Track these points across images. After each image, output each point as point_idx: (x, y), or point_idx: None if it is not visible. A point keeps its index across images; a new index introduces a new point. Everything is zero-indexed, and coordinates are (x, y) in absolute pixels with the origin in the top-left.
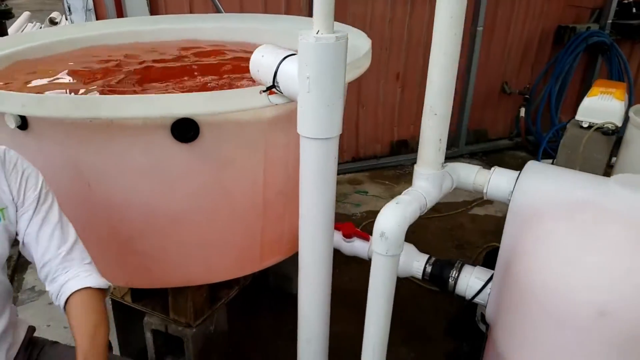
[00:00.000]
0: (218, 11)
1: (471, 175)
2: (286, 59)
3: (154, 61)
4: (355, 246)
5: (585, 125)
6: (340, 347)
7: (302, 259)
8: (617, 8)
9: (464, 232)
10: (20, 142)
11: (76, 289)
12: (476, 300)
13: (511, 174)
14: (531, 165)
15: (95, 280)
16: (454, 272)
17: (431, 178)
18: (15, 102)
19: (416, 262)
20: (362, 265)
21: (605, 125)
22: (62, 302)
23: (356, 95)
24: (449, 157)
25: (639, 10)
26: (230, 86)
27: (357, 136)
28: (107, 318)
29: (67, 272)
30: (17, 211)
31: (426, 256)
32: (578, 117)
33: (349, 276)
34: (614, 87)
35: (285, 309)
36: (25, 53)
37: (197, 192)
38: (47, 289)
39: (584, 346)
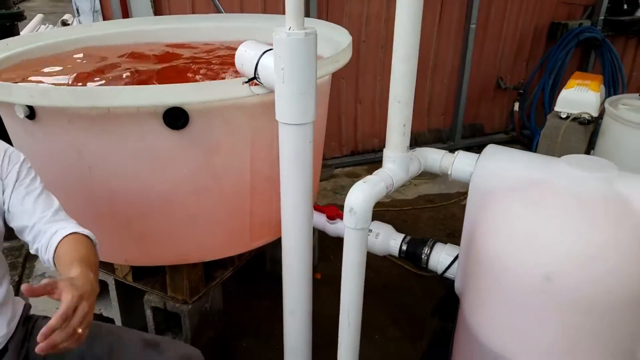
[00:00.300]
0: (218, 11)
1: (437, 159)
2: (265, 53)
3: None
4: (339, 227)
5: (563, 115)
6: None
7: (285, 235)
8: (608, 5)
9: (455, 222)
10: (29, 131)
11: (66, 234)
12: (447, 274)
13: (473, 157)
14: (490, 149)
15: (83, 230)
16: (427, 249)
17: (398, 160)
18: (24, 94)
19: (393, 241)
20: None
21: (581, 116)
22: (51, 252)
23: (354, 92)
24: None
25: (630, 7)
26: (217, 78)
27: (355, 131)
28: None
29: (55, 225)
30: (2, 186)
31: (402, 235)
32: (557, 108)
33: (341, 262)
34: (590, 79)
35: (281, 294)
36: (34, 52)
37: (189, 175)
38: (33, 248)
39: (534, 308)
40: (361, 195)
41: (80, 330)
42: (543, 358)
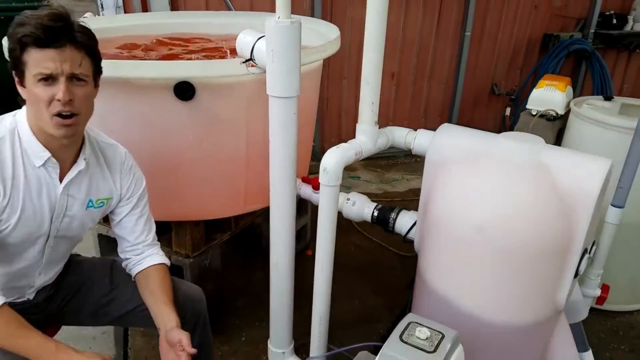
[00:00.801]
0: (229, 9)
1: (403, 135)
2: (260, 39)
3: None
4: None
5: (534, 112)
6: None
7: (272, 193)
8: (599, 19)
9: None
10: None
11: (154, 263)
12: (409, 236)
13: (430, 134)
14: (443, 127)
15: (165, 259)
16: (394, 214)
17: (367, 133)
18: None
19: (367, 208)
20: (344, 235)
21: (548, 112)
22: (137, 270)
23: (354, 91)
24: None
25: (619, 22)
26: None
27: (354, 128)
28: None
29: (150, 249)
30: (119, 202)
31: (375, 204)
32: (528, 106)
33: None
34: (558, 80)
35: None
36: None
37: (194, 141)
38: (124, 258)
39: (469, 256)
40: (333, 158)
41: None
42: (476, 297)
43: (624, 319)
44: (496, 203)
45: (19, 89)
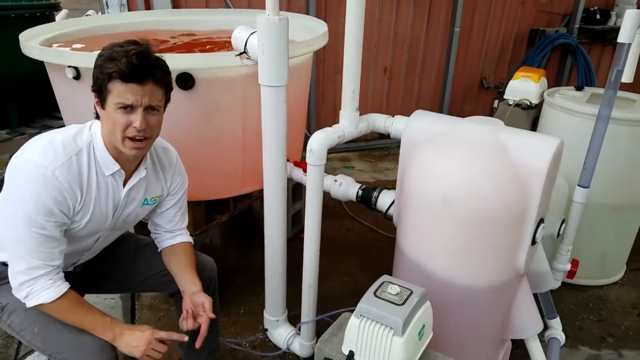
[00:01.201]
0: (228, 7)
1: (382, 121)
2: (253, 34)
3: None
4: None
5: (510, 102)
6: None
7: (265, 172)
8: (583, 14)
9: None
10: (75, 89)
11: (182, 241)
12: (389, 213)
13: (406, 119)
14: (417, 113)
15: (190, 238)
16: (375, 193)
17: (349, 118)
18: (72, 59)
19: (352, 189)
20: (339, 220)
21: (522, 101)
22: (171, 243)
23: None
24: None
25: (603, 17)
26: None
27: None
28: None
29: (180, 232)
30: (166, 197)
31: (359, 185)
32: (506, 96)
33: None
34: (533, 72)
35: None
36: (76, 33)
37: (195, 129)
38: (157, 232)
39: (435, 223)
40: (318, 139)
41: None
42: (443, 261)
43: (594, 292)
44: (458, 176)
45: (97, 108)
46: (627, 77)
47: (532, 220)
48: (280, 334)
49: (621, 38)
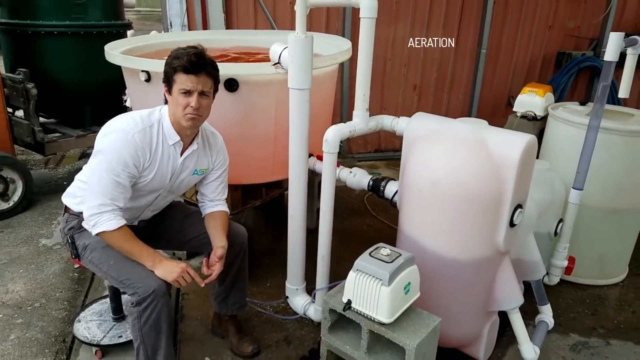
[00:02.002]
0: (273, 28)
1: (389, 121)
2: (286, 48)
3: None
4: None
5: (518, 114)
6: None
7: (291, 162)
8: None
9: None
10: (146, 90)
11: (221, 210)
12: (394, 200)
13: (408, 119)
14: (417, 114)
15: (227, 208)
16: (384, 183)
17: (360, 116)
18: (146, 65)
19: (364, 179)
20: (361, 218)
21: (527, 113)
22: (208, 211)
23: (379, 100)
24: None
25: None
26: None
27: (379, 134)
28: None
29: (220, 202)
30: (211, 171)
31: (370, 175)
32: (514, 109)
33: (348, 222)
34: (539, 87)
35: None
36: (146, 47)
37: (236, 123)
38: (202, 201)
39: (427, 204)
40: (332, 132)
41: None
42: (434, 237)
43: (593, 291)
44: (446, 164)
45: (166, 95)
46: (623, 92)
47: (508, 203)
48: (299, 301)
49: (607, 57)
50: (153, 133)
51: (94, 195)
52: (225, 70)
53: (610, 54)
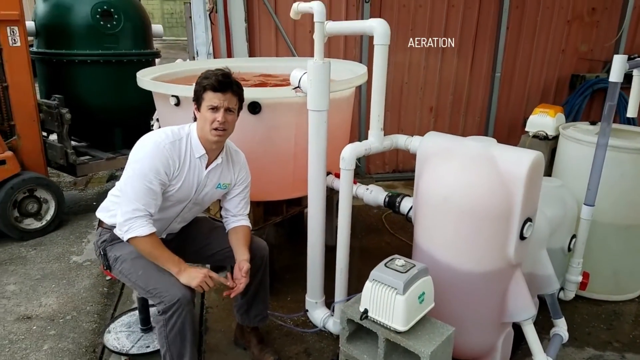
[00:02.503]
0: (293, 55)
1: (403, 140)
2: (305, 73)
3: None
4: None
5: (530, 134)
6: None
7: (310, 181)
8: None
9: None
10: (176, 113)
11: (243, 224)
12: (409, 215)
13: (421, 138)
14: (429, 133)
15: (249, 223)
16: (399, 199)
17: (375, 135)
18: (176, 90)
19: (381, 195)
20: (379, 236)
21: (539, 133)
22: (231, 227)
23: (397, 122)
24: None
25: None
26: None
27: (397, 154)
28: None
29: (243, 217)
30: (234, 186)
31: (386, 192)
32: (526, 129)
33: (366, 240)
34: (550, 108)
35: None
36: (178, 74)
37: (259, 143)
38: (226, 216)
39: (439, 219)
40: (349, 150)
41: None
42: (447, 250)
43: (609, 307)
44: (457, 180)
45: (195, 112)
46: (631, 112)
47: (518, 217)
48: (318, 314)
49: (611, 78)
50: (182, 145)
51: (128, 201)
52: (249, 94)
53: (615, 75)
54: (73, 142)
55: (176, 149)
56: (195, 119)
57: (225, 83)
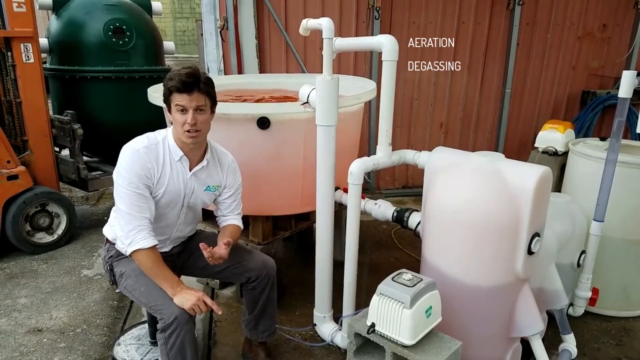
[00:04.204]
0: (303, 71)
1: (411, 155)
2: (314, 89)
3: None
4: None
5: (540, 150)
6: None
7: (318, 197)
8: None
9: None
10: None
11: (233, 223)
12: (417, 230)
13: (429, 153)
14: (437, 148)
15: (240, 222)
16: (407, 214)
17: (383, 150)
18: None
19: (388, 210)
20: (388, 251)
21: (548, 149)
22: (226, 223)
23: (407, 138)
24: None
25: None
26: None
27: (406, 170)
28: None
29: (234, 216)
30: (224, 189)
31: (395, 207)
32: (536, 144)
33: (375, 255)
34: (560, 124)
35: None
36: None
37: (267, 158)
38: (218, 216)
39: (448, 232)
40: (357, 165)
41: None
42: (455, 264)
43: (619, 323)
44: (465, 194)
45: (167, 115)
46: None
47: (525, 232)
48: (326, 328)
49: (621, 94)
50: (159, 149)
51: (124, 215)
52: (258, 109)
53: (624, 91)
54: (85, 158)
55: (153, 153)
56: (171, 124)
57: (189, 83)
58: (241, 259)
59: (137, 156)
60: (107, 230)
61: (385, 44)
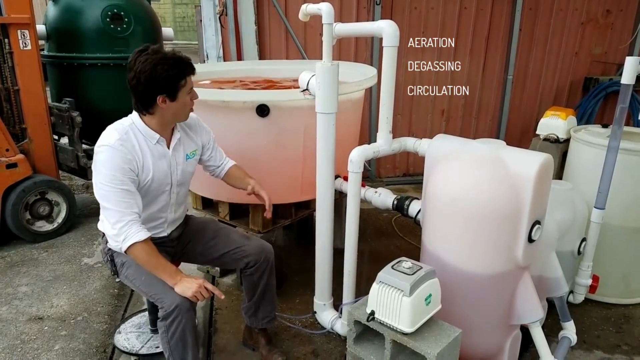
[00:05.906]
0: (303, 57)
1: (412, 142)
2: (314, 76)
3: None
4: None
5: (541, 137)
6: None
7: (318, 185)
8: None
9: None
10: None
11: (232, 164)
12: (418, 218)
13: (429, 140)
14: (438, 135)
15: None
16: (408, 201)
17: (383, 138)
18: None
19: (389, 199)
20: (388, 239)
21: (550, 136)
22: (224, 172)
23: (408, 125)
24: None
25: None
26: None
27: (407, 158)
28: None
29: (227, 161)
30: (202, 150)
31: (394, 195)
32: (537, 132)
33: (376, 243)
34: (562, 111)
35: None
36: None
37: (267, 145)
38: (213, 171)
39: (447, 220)
40: (357, 153)
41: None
42: (455, 252)
43: (619, 310)
44: (465, 182)
45: (163, 103)
46: None
47: (526, 219)
48: (326, 316)
49: (623, 80)
50: (130, 137)
51: (111, 213)
52: (257, 96)
53: (627, 77)
54: (84, 145)
55: (128, 144)
56: (139, 109)
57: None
58: (240, 244)
59: (114, 152)
60: (101, 225)
61: (385, 29)
